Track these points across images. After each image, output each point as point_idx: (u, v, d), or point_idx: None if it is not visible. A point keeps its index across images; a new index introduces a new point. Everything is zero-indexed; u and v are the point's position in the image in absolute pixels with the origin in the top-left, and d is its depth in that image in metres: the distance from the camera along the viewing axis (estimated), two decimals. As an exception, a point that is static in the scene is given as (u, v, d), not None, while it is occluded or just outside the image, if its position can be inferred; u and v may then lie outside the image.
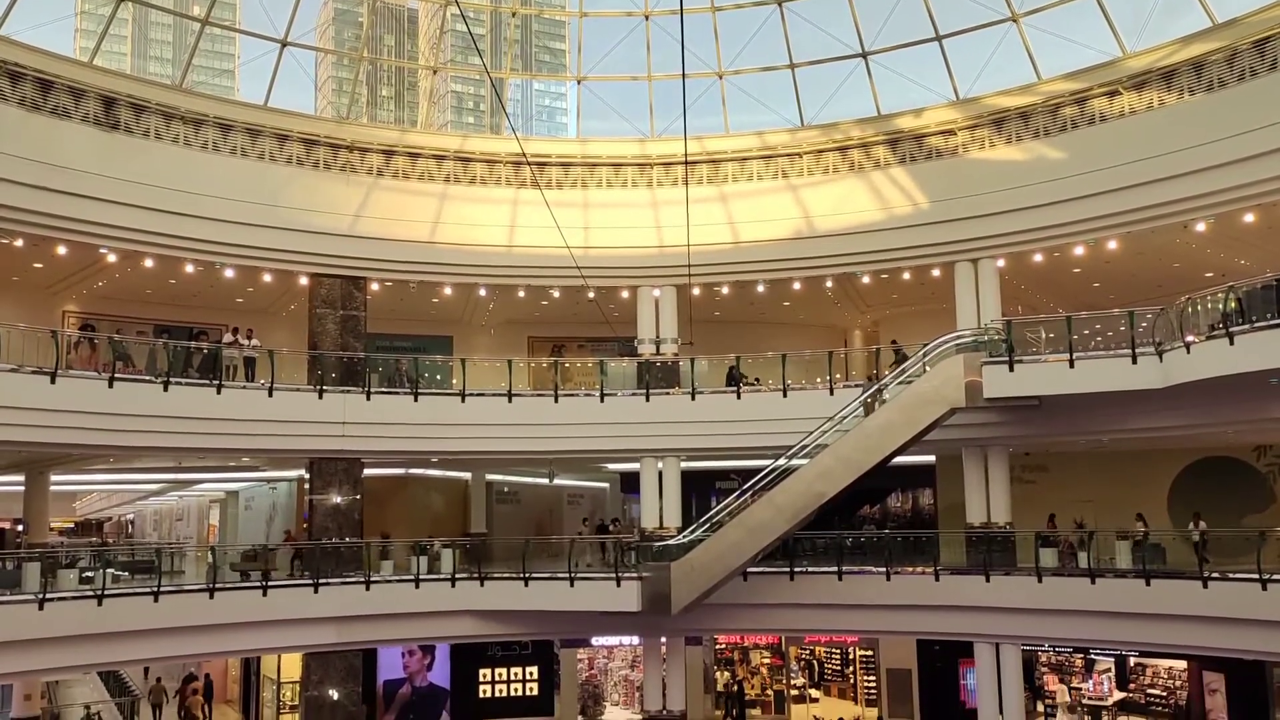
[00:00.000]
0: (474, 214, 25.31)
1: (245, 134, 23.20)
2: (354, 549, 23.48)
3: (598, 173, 26.32)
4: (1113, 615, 20.30)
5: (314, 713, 22.95)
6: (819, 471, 21.32)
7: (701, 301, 26.67)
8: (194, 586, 20.94)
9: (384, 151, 24.97)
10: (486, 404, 24.23)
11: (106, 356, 21.09)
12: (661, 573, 21.87)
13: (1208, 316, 18.33)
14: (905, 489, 31.77)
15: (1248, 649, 19.11)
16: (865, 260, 24.64)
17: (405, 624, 23.54)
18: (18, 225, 19.78)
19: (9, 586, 18.60)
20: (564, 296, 26.82)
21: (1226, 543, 20.43)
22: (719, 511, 22.31)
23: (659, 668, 25.00)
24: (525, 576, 23.15)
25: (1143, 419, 20.73)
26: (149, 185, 21.13)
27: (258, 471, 29.29)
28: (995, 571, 21.77)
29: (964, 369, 20.96)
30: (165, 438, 21.02)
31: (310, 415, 22.74)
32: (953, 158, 23.75)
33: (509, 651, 29.14)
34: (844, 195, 24.87)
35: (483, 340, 30.55)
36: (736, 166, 26.00)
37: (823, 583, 22.95)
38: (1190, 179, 19.70)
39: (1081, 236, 21.91)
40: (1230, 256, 22.62)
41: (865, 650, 29.41)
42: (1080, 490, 25.43)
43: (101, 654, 20.10)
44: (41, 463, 25.70)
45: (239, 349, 23.06)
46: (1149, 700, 25.60)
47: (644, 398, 24.78)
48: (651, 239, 25.61)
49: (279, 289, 25.57)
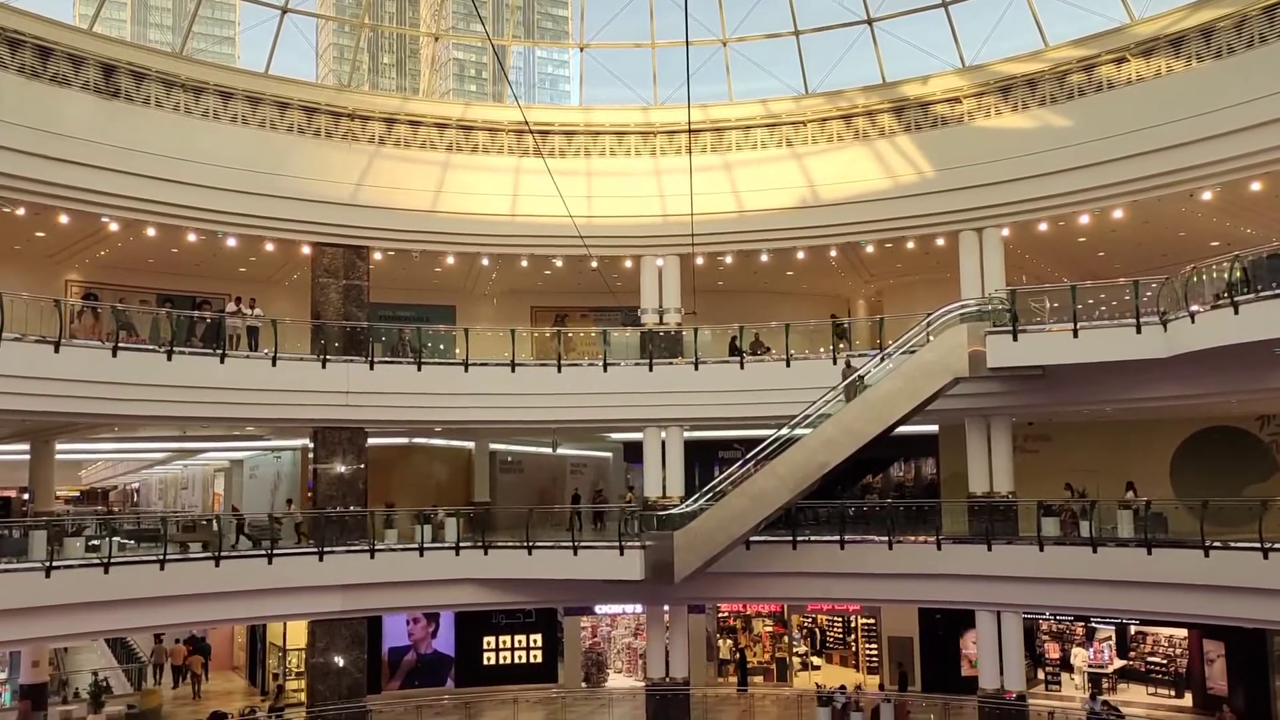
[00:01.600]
0: (476, 183, 25.19)
1: (246, 102, 23.07)
2: (358, 518, 23.58)
3: (601, 141, 26.17)
4: (1114, 584, 20.38)
5: (320, 679, 23.15)
6: (822, 441, 21.34)
7: (705, 271, 26.59)
8: (200, 555, 21.09)
9: (385, 120, 24.83)
10: (489, 374, 24.24)
11: (110, 326, 21.09)
12: (664, 541, 21.96)
13: (1213, 286, 18.25)
14: (908, 458, 31.84)
15: (1248, 617, 19.19)
16: (870, 229, 24.53)
17: (410, 592, 23.70)
18: (18, 194, 19.71)
19: (16, 554, 18.72)
20: (567, 266, 26.76)
21: (1228, 512, 20.46)
22: (722, 481, 22.37)
23: (662, 635, 25.17)
24: (529, 545, 23.27)
25: (1146, 389, 20.69)
26: (149, 153, 21.03)
27: (262, 441, 29.37)
28: (997, 541, 21.83)
29: (967, 338, 20.92)
30: (169, 407, 21.05)
31: (313, 385, 22.77)
32: (959, 126, 23.58)
33: (513, 619, 29.38)
34: (849, 164, 24.72)
35: (486, 310, 30.52)
36: (741, 135, 25.83)
37: (825, 552, 23.03)
38: (1198, 147, 19.53)
39: (1087, 205, 21.79)
40: (1237, 225, 22.50)
41: (867, 618, 29.59)
42: (1083, 460, 25.46)
43: (108, 621, 20.26)
44: (46, 431, 25.78)
45: (242, 318, 23.05)
46: (1149, 668, 25.77)
47: (647, 367, 24.78)
48: (655, 208, 25.50)
49: (281, 258, 25.52)
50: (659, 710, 24.23)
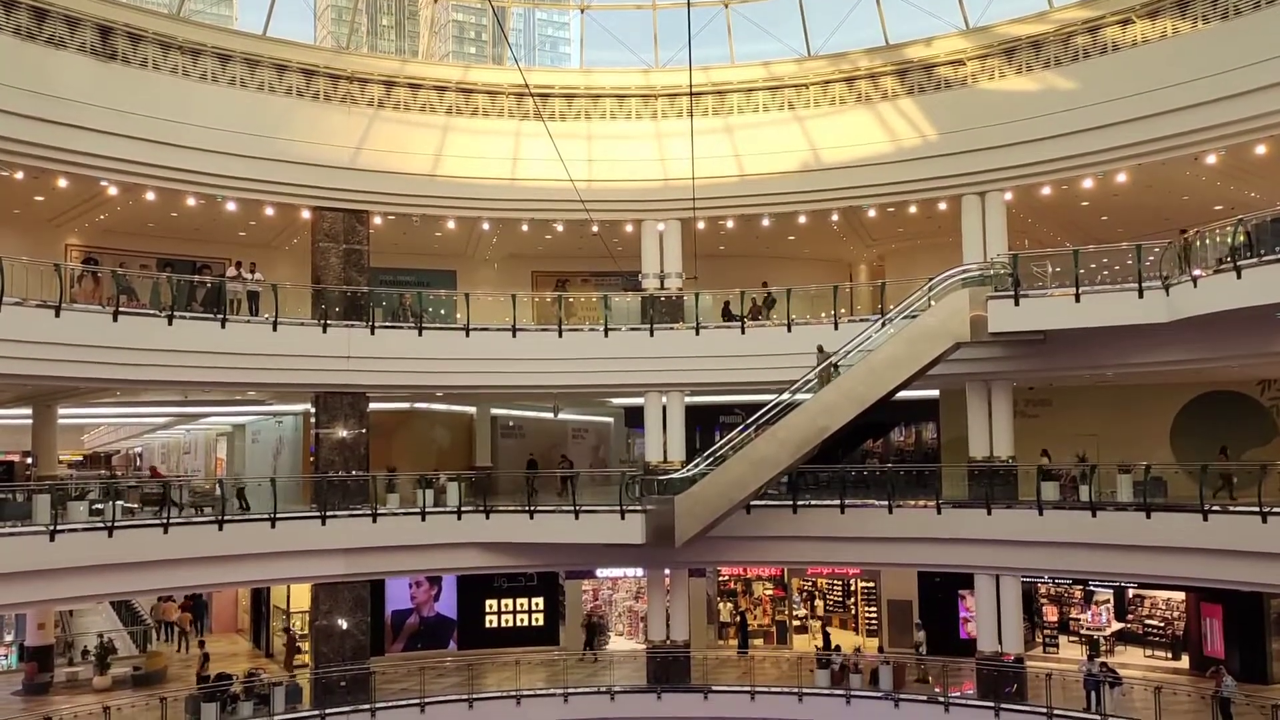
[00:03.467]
0: (476, 146, 25.03)
1: (244, 64, 22.87)
2: (360, 482, 23.67)
3: (601, 104, 25.98)
4: (1113, 548, 20.48)
5: (323, 642, 23.34)
6: (822, 406, 21.35)
7: (706, 235, 26.49)
8: (203, 518, 21.21)
9: (384, 82, 24.64)
10: (490, 338, 24.24)
11: (110, 290, 21.06)
12: (666, 506, 22.06)
13: (1215, 250, 18.19)
14: (908, 423, 31.89)
15: (1247, 580, 19.29)
16: (872, 193, 24.40)
17: (412, 556, 23.86)
18: (15, 157, 19.59)
19: (20, 518, 18.80)
20: (568, 230, 26.66)
21: (1228, 476, 20.51)
22: (723, 446, 22.41)
23: (663, 599, 25.33)
24: (530, 510, 23.39)
25: (1148, 353, 20.67)
26: (147, 116, 20.88)
27: (264, 405, 29.41)
28: (997, 505, 21.93)
29: (969, 303, 20.87)
30: (170, 371, 21.06)
31: (314, 349, 22.77)
32: (962, 88, 23.39)
33: (515, 583, 29.59)
34: (851, 127, 24.54)
35: (486, 274, 30.44)
36: (742, 98, 25.63)
37: (825, 516, 23.14)
38: (1203, 109, 19.35)
39: (1091, 169, 21.65)
40: (1240, 189, 22.37)
41: (867, 582, 29.77)
42: (1083, 424, 25.49)
43: (112, 584, 20.43)
44: (48, 396, 25.82)
45: (242, 283, 23.00)
46: (1147, 631, 25.96)
47: (648, 333, 24.76)
48: (656, 172, 25.37)
49: (281, 223, 25.44)
50: (660, 672, 24.46)
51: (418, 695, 23.23)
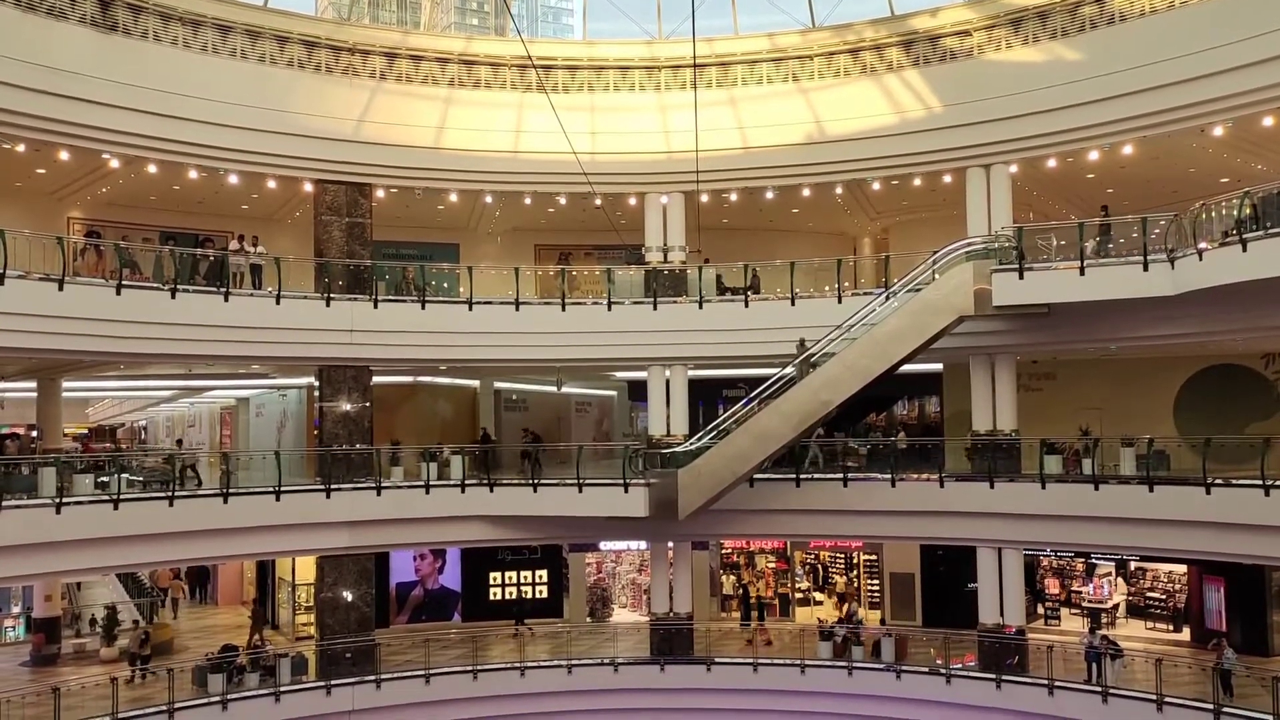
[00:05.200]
0: (479, 119, 24.91)
1: (244, 35, 22.73)
2: (364, 455, 23.73)
3: (604, 76, 25.82)
4: (1116, 521, 20.53)
5: (329, 614, 23.48)
6: (826, 379, 21.36)
7: (710, 209, 26.40)
8: (208, 491, 21.29)
9: (386, 54, 24.49)
10: (494, 312, 24.21)
11: (113, 264, 21.04)
12: (669, 479, 22.13)
13: (1222, 223, 18.10)
14: (912, 397, 31.88)
15: (1249, 554, 19.36)
16: (876, 166, 24.27)
17: (416, 529, 23.98)
18: (17, 130, 19.49)
19: (26, 491, 18.87)
20: (571, 203, 26.56)
21: (1231, 449, 20.52)
22: (726, 419, 22.43)
23: (666, 571, 25.44)
24: (534, 482, 23.45)
25: (1153, 326, 20.63)
26: (148, 89, 20.74)
27: (267, 379, 29.45)
28: (1000, 478, 21.97)
29: (973, 276, 20.82)
30: (173, 345, 21.04)
31: (318, 323, 22.78)
32: (968, 60, 23.21)
33: (519, 555, 29.68)
34: (856, 99, 24.38)
35: (489, 248, 30.39)
36: (746, 69, 25.46)
37: (828, 489, 23.19)
38: (1210, 81, 19.19)
39: (1097, 141, 21.52)
40: (1248, 161, 22.24)
41: (869, 554, 29.85)
42: (1087, 398, 25.48)
43: (118, 557, 20.50)
44: (52, 369, 25.83)
45: (245, 256, 22.98)
46: (1148, 603, 26.04)
47: (651, 306, 24.71)
48: (659, 144, 25.24)
49: (283, 195, 25.36)
50: (663, 644, 24.60)
51: (423, 667, 23.39)
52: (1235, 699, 18.97)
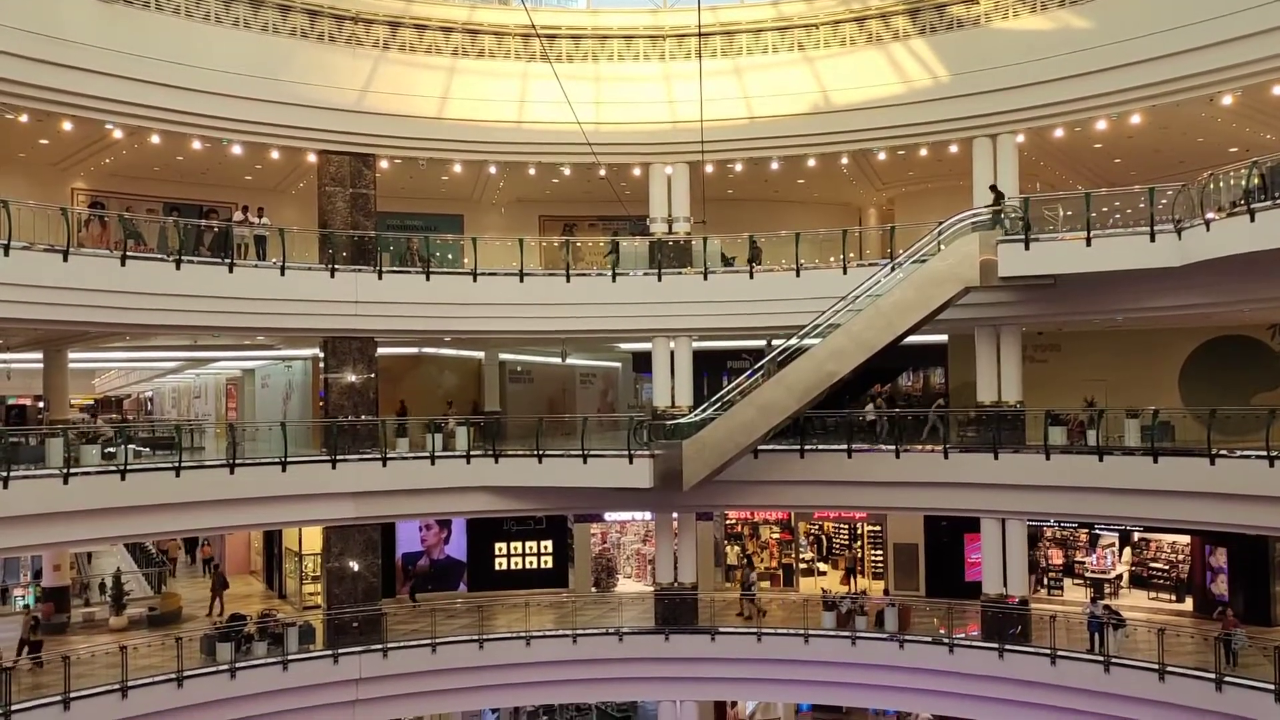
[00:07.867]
0: (483, 89, 24.79)
1: (247, 4, 22.59)
2: (370, 426, 23.80)
3: (609, 45, 25.65)
4: (1120, 492, 20.55)
5: (336, 583, 23.64)
6: (830, 351, 21.36)
7: (715, 179, 26.29)
8: (215, 462, 21.38)
9: (390, 23, 24.33)
10: (498, 283, 24.18)
11: (117, 235, 21.05)
12: (673, 450, 22.18)
13: (1230, 193, 18.02)
14: (917, 368, 31.83)
15: (1253, 524, 19.41)
16: (882, 136, 24.12)
17: (421, 499, 24.10)
18: (19, 100, 19.42)
19: (33, 461, 18.97)
20: (575, 174, 26.45)
21: (1236, 420, 20.48)
22: (730, 390, 22.47)
23: (670, 542, 25.53)
24: (539, 454, 23.51)
25: (1159, 298, 20.56)
26: (150, 58, 20.63)
27: (273, 350, 29.48)
28: (1004, 449, 21.98)
29: (979, 247, 20.77)
30: (178, 316, 21.08)
31: (322, 294, 22.80)
32: (975, 28, 23.00)
33: (524, 526, 29.80)
34: (862, 68, 24.20)
35: (494, 219, 30.31)
36: (751, 38, 25.27)
37: (832, 460, 23.22)
38: (1219, 49, 18.99)
39: (1105, 110, 21.35)
40: (1257, 131, 22.07)
41: (873, 526, 29.92)
42: (1092, 369, 25.44)
43: (125, 527, 20.65)
44: (58, 341, 25.89)
45: (249, 227, 22.95)
46: (1151, 574, 26.11)
47: (656, 277, 24.66)
48: (664, 114, 25.08)
49: (287, 166, 25.29)
50: (667, 614, 24.74)
51: (429, 636, 23.56)
52: (1238, 668, 19.06)
